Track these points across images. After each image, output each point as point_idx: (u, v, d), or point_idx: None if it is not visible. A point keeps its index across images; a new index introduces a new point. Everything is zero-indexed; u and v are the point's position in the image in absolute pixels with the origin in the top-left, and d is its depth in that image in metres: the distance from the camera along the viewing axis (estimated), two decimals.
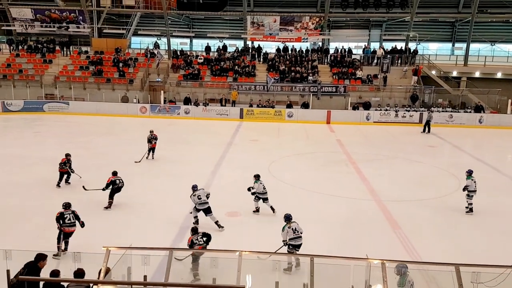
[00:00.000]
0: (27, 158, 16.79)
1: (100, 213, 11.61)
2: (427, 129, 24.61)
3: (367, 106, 27.91)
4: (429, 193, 13.97)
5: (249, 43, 34.18)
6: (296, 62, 31.70)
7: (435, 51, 35.84)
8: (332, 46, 35.05)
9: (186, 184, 14.25)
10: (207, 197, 10.84)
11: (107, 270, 5.56)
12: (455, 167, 17.20)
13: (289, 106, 27.95)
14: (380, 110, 27.57)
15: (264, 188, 11.75)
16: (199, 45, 37.14)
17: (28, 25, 33.44)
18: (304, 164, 17.49)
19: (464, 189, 12.05)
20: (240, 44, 34.51)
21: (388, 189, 14.37)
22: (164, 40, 34.57)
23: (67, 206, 9.59)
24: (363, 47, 33.75)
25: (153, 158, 17.10)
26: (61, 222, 9.31)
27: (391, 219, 11.75)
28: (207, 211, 10.70)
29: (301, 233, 8.72)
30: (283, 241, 8.72)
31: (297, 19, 32.52)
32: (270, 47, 34.64)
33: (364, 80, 30.34)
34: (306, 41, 33.90)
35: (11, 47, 33.25)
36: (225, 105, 28.05)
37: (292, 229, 8.67)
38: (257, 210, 11.93)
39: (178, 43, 35.30)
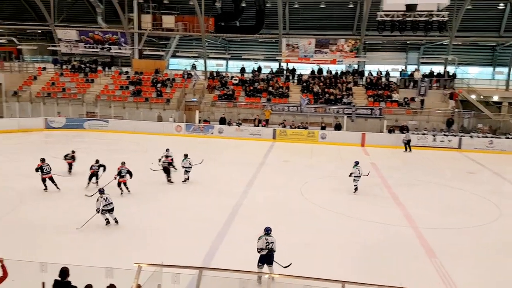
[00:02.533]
0: (65, 174, 17.39)
1: (131, 229, 11.80)
2: (408, 148, 25.34)
3: (404, 129, 27.31)
4: (468, 221, 13.40)
5: (283, 64, 34.48)
6: (331, 84, 31.63)
7: (475, 75, 34.86)
8: (368, 69, 34.82)
9: (217, 203, 14.37)
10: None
11: (138, 287, 5.60)
12: (495, 195, 16.45)
13: (323, 128, 27.79)
14: (417, 134, 26.90)
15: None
16: (234, 66, 37.82)
17: (73, 45, 35.17)
18: (336, 187, 17.20)
19: (350, 175, 16.01)
20: (274, 65, 34.88)
21: (425, 215, 13.87)
22: (201, 61, 35.43)
23: (43, 160, 14.66)
24: (400, 69, 33.34)
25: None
26: (41, 171, 14.37)
27: (427, 246, 11.30)
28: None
29: (111, 201, 11.73)
30: (97, 209, 11.55)
31: (332, 41, 32.59)
32: (304, 69, 34.79)
33: (401, 103, 29.82)
34: (341, 63, 33.84)
35: (56, 66, 34.99)
36: (258, 126, 28.21)
37: (104, 198, 11.66)
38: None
39: (214, 65, 36.09)
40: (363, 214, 13.75)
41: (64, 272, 6.34)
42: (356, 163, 16.32)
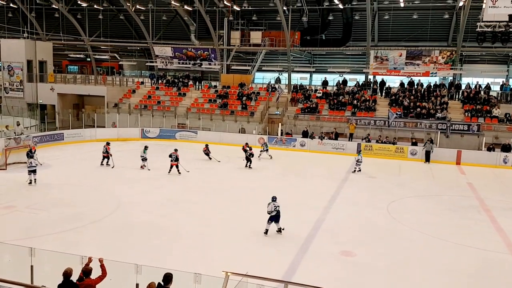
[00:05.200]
0: (156, 180, 18.58)
1: (218, 237, 12.13)
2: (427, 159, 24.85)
3: (506, 148, 24.86)
4: None
5: (370, 77, 33.48)
6: (423, 97, 29.96)
7: None
8: (465, 81, 32.46)
9: (298, 217, 14.24)
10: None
11: None
12: None
13: (414, 144, 26.31)
14: None
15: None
16: (318, 79, 37.60)
17: (168, 61, 37.66)
18: (427, 207, 16.13)
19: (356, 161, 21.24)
20: (361, 78, 34.02)
21: None
22: (285, 75, 35.77)
23: (176, 150, 19.88)
24: (501, 83, 30.61)
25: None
26: (170, 159, 19.35)
27: None
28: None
29: (34, 165, 16.89)
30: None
31: (425, 53, 30.91)
32: (393, 82, 33.43)
33: (502, 119, 27.25)
34: (435, 76, 31.94)
35: (153, 81, 37.70)
36: (336, 139, 27.47)
37: (30, 162, 16.73)
38: None
39: (298, 78, 36.22)
40: (457, 238, 12.72)
41: (167, 278, 6.56)
42: (359, 152, 22.43)
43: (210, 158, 23.11)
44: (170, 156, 19.81)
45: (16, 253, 8.71)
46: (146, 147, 20.92)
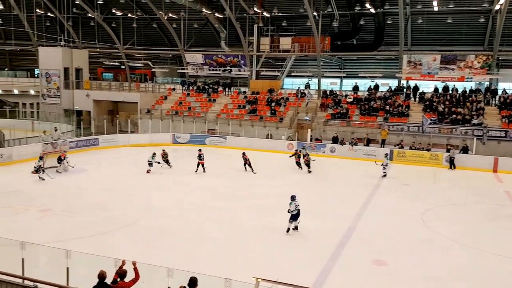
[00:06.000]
0: (187, 185, 18.78)
1: (247, 243, 12.11)
2: (452, 166, 24.22)
3: None
4: None
5: (403, 82, 32.78)
6: (458, 103, 29.06)
7: None
8: (502, 87, 31.28)
9: (329, 224, 14.02)
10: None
11: None
12: None
13: (449, 150, 25.49)
14: None
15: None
16: (348, 85, 37.16)
17: (199, 68, 38.21)
18: (464, 216, 15.58)
19: (382, 165, 21.35)
20: (393, 83, 33.36)
21: None
22: (315, 80, 35.55)
23: (200, 150, 21.24)
24: None
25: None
26: (199, 157, 20.65)
27: None
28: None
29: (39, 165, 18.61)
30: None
31: (460, 57, 30.02)
32: (426, 87, 32.61)
33: None
34: (470, 81, 30.94)
35: (184, 87, 38.29)
36: (368, 145, 26.99)
37: (38, 163, 18.68)
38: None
39: (328, 83, 35.90)
40: (495, 249, 12.19)
41: (193, 282, 6.64)
42: (386, 155, 22.41)
43: (246, 169, 21.65)
44: (200, 156, 20.95)
45: (52, 255, 8.97)
46: (154, 154, 21.14)
